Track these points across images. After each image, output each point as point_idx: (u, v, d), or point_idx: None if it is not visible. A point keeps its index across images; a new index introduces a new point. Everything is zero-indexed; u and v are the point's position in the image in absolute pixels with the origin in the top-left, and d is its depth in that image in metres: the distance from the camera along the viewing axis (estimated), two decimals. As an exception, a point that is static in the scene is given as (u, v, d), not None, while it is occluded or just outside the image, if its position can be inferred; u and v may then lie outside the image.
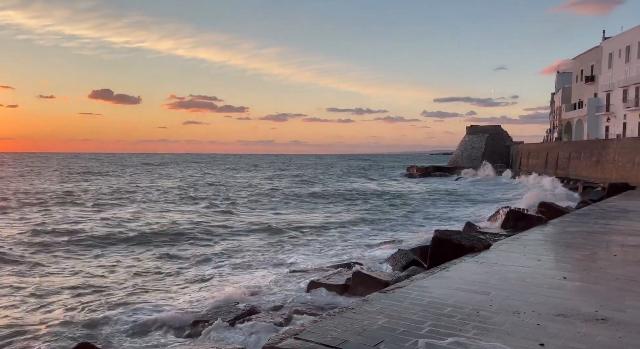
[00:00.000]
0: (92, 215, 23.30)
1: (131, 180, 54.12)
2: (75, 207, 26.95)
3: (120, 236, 17.21)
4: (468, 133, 76.40)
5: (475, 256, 7.71)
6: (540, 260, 7.46)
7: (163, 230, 18.69)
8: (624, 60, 46.31)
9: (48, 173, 67.74)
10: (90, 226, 19.56)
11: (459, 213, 24.63)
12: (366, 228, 19.82)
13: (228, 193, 38.09)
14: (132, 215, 23.17)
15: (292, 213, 24.93)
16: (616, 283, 6.03)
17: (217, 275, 11.74)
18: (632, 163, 31.88)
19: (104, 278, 11.68)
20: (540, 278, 6.32)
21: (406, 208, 27.63)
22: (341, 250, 14.65)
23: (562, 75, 68.05)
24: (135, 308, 9.05)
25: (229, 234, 18.24)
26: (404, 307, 5.06)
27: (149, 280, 11.48)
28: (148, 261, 13.45)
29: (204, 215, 23.73)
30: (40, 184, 46.21)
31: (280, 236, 17.56)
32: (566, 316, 4.74)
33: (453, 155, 79.60)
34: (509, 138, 74.38)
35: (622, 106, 45.96)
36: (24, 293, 10.25)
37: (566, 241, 9.28)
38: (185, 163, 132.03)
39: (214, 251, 14.86)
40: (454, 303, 5.16)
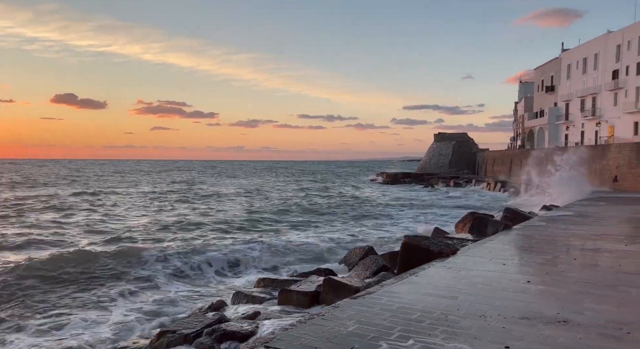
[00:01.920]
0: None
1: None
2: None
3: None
4: (436, 141, 78.05)
5: (444, 262, 7.86)
6: (506, 264, 7.68)
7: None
8: (582, 71, 48.54)
9: None
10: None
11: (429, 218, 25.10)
12: (337, 234, 19.88)
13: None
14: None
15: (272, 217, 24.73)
16: (576, 286, 6.27)
17: (185, 283, 11.50)
18: (589, 170, 33.38)
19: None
20: (505, 282, 6.50)
21: (375, 214, 27.90)
22: (313, 257, 14.62)
23: (525, 84, 70.62)
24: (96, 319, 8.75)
25: (194, 240, 17.92)
26: (374, 313, 5.10)
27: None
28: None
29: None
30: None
31: (253, 243, 17.38)
32: (530, 319, 4.89)
33: (421, 162, 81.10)
34: (475, 146, 76.44)
35: (580, 115, 48.09)
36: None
37: (530, 246, 9.59)
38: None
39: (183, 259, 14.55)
40: (423, 308, 5.24)
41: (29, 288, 10.92)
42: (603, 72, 44.45)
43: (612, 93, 42.83)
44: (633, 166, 27.44)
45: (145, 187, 52.65)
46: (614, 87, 42.09)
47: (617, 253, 8.65)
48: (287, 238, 18.80)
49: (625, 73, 40.97)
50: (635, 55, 39.57)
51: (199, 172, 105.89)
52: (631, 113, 39.46)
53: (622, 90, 41.39)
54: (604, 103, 44.16)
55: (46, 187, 50.39)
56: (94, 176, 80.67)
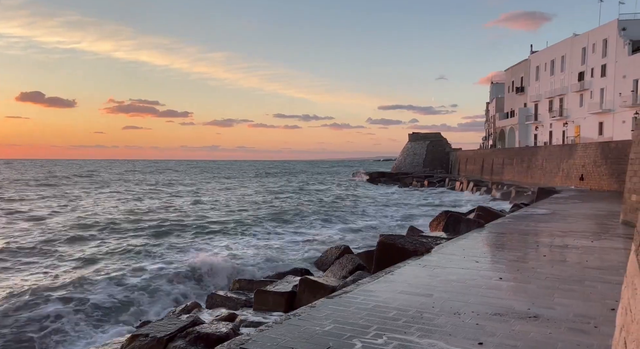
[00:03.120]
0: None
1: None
2: None
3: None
4: (410, 140, 79.00)
5: (418, 260, 7.95)
6: (479, 261, 7.83)
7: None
8: (549, 73, 50.01)
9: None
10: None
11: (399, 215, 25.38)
12: (312, 232, 19.87)
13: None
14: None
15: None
16: (546, 282, 6.44)
17: (160, 285, 11.27)
18: (557, 169, 34.39)
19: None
20: (478, 279, 6.62)
21: (351, 212, 28.04)
22: (288, 257, 14.57)
23: (496, 85, 72.28)
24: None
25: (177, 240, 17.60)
26: (351, 312, 5.11)
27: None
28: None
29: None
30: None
31: (216, 244, 17.19)
32: (502, 315, 5.00)
33: (396, 161, 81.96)
34: (448, 145, 77.73)
35: (548, 115, 49.54)
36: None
37: (501, 243, 9.80)
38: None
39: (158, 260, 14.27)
40: (399, 306, 5.28)
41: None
42: (569, 73, 45.92)
43: (578, 95, 44.29)
44: (598, 165, 28.43)
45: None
46: (580, 89, 43.54)
47: (583, 249, 8.94)
48: (261, 239, 18.68)
49: (591, 75, 42.43)
50: (600, 58, 41.03)
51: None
52: (596, 114, 40.89)
53: (587, 91, 42.84)
54: (571, 104, 45.63)
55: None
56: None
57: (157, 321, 8.14)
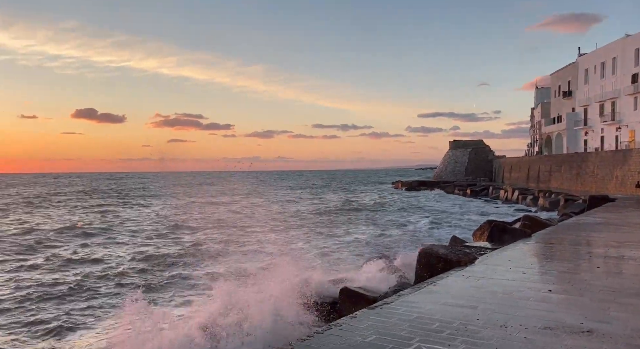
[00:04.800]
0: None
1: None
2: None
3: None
4: (451, 148, 77.45)
5: (462, 270, 7.74)
6: (526, 273, 7.52)
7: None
8: (600, 75, 47.78)
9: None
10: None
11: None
12: (353, 242, 19.77)
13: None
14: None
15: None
16: (600, 295, 6.10)
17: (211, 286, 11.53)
18: (610, 176, 32.64)
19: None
20: (526, 290, 6.36)
21: (391, 222, 27.69)
22: (328, 265, 14.54)
23: (541, 90, 69.82)
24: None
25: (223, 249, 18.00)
26: (392, 323, 5.03)
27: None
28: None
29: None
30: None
31: (256, 251, 17.39)
32: (553, 329, 4.77)
33: (437, 170, 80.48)
34: (491, 153, 75.60)
35: (599, 120, 47.23)
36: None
37: (550, 254, 9.38)
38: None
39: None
40: (442, 318, 5.15)
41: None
42: (622, 76, 43.66)
43: (631, 98, 42.01)
44: (656, 171, 26.74)
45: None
46: (634, 91, 41.28)
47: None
48: (301, 246, 18.77)
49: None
50: (655, 58, 38.83)
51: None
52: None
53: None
54: (624, 107, 43.32)
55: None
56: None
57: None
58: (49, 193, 69.74)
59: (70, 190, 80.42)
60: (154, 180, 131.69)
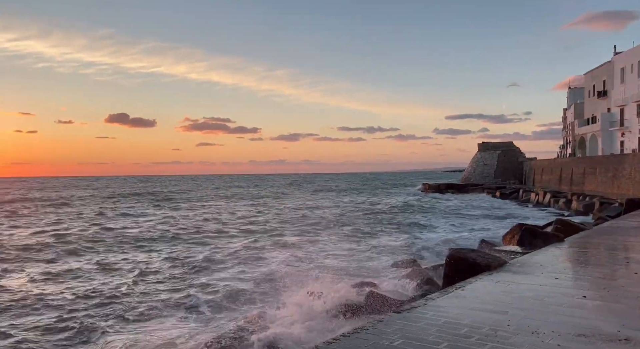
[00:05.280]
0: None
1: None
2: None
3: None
4: (480, 150, 76.03)
5: (491, 275, 7.58)
6: (558, 278, 7.30)
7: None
8: (637, 74, 46.01)
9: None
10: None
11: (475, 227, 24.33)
12: (379, 245, 19.63)
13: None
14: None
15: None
16: (638, 302, 5.86)
17: (233, 294, 11.67)
18: (649, 178, 31.35)
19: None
20: (559, 296, 6.17)
21: (418, 225, 27.35)
22: (355, 268, 14.49)
23: (574, 90, 67.77)
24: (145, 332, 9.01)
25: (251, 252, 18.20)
26: (420, 327, 4.96)
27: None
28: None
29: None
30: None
31: (286, 253, 17.45)
32: (587, 336, 4.61)
33: (465, 172, 79.16)
34: (522, 155, 73.83)
35: (636, 121, 45.47)
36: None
37: (584, 259, 9.08)
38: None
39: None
40: (471, 323, 5.06)
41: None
42: (661, 74, 41.95)
43: (671, 97, 40.30)
44: (698, 173, 25.51)
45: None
46: (674, 90, 39.60)
47: (683, 266, 8.03)
48: (328, 248, 18.76)
49: (686, 75, 38.49)
50: (697, 55, 37.12)
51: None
52: (694, 117, 36.89)
53: (682, 92, 38.88)
54: (663, 107, 41.57)
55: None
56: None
57: (229, 329, 8.41)
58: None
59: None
60: (199, 183, 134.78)
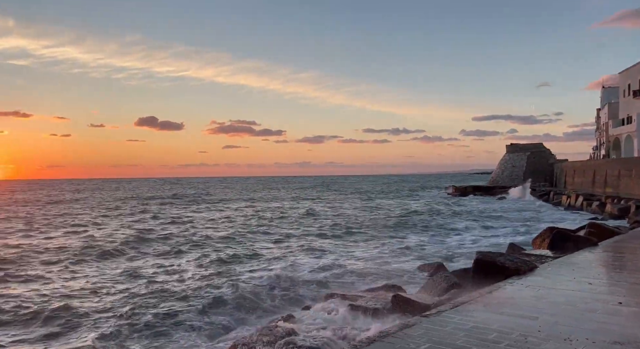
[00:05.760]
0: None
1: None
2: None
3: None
4: (508, 152, 74.42)
5: (521, 279, 7.41)
6: (592, 283, 7.08)
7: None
8: (675, 72, 44.17)
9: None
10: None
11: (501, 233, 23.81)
12: (405, 249, 19.45)
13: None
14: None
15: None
16: (678, 309, 5.62)
17: (260, 295, 11.78)
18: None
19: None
20: (592, 302, 5.99)
21: (444, 228, 26.96)
22: (381, 272, 14.41)
23: (608, 90, 65.59)
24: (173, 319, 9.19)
25: (276, 254, 18.35)
26: (447, 332, 4.90)
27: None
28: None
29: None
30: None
31: (313, 256, 17.49)
32: (623, 344, 4.46)
33: (493, 174, 77.59)
34: (552, 156, 71.87)
35: (674, 120, 43.61)
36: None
37: (620, 264, 8.77)
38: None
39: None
40: (500, 328, 4.96)
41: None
42: (701, 71, 40.11)
43: None
44: None
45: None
46: None
47: None
48: (355, 252, 18.72)
49: None
50: None
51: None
52: None
53: None
54: None
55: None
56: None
57: (256, 330, 8.49)
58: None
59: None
60: (229, 185, 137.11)
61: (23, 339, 9.02)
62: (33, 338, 9.10)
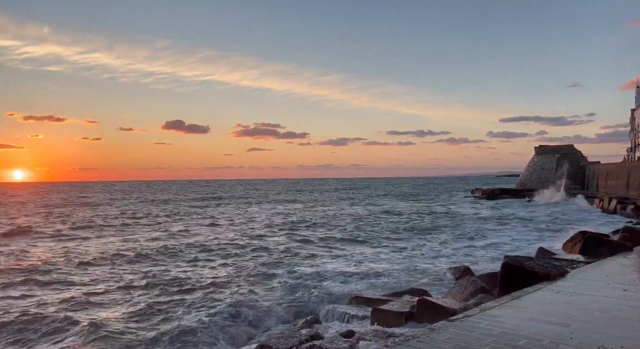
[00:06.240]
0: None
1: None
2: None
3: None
4: (537, 154, 72.64)
5: (551, 285, 7.21)
6: (627, 290, 6.82)
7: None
8: None
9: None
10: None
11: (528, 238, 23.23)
12: (431, 252, 19.20)
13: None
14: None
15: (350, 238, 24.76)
16: None
17: (278, 298, 11.83)
18: None
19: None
20: (627, 310, 5.77)
21: (471, 232, 26.48)
22: (406, 275, 14.26)
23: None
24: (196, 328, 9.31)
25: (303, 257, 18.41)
26: (474, 337, 4.81)
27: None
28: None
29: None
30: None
31: (339, 258, 17.44)
32: (661, 353, 4.28)
33: (521, 177, 75.85)
34: (583, 158, 69.74)
35: None
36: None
37: (656, 270, 8.43)
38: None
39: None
40: (529, 335, 4.83)
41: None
42: None
43: None
44: None
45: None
46: None
47: None
48: (378, 255, 18.59)
49: None
50: None
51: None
52: None
53: None
54: None
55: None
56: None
57: (279, 333, 8.53)
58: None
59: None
60: (262, 188, 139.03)
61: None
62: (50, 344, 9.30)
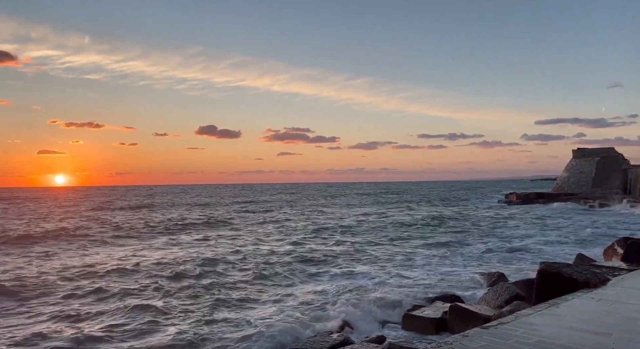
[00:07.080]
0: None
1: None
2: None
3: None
4: (575, 157, 70.16)
5: (591, 292, 6.95)
6: (673, 299, 6.50)
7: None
8: None
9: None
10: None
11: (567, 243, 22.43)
12: (465, 257, 18.82)
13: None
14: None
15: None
16: None
17: (311, 303, 11.86)
18: None
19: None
20: (674, 320, 5.50)
21: (507, 235, 25.80)
22: (439, 281, 14.04)
23: (689, 88, 60.24)
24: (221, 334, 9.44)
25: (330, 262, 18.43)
26: (509, 345, 4.69)
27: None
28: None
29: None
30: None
31: (373, 264, 17.33)
32: None
33: (558, 181, 73.38)
34: (625, 161, 66.82)
35: None
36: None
37: None
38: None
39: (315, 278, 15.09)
40: (568, 344, 4.68)
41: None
42: None
43: None
44: None
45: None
46: None
47: None
48: (413, 260, 18.38)
49: None
50: None
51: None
52: None
53: None
54: None
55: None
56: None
57: (310, 337, 8.55)
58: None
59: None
60: (299, 191, 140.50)
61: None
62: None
